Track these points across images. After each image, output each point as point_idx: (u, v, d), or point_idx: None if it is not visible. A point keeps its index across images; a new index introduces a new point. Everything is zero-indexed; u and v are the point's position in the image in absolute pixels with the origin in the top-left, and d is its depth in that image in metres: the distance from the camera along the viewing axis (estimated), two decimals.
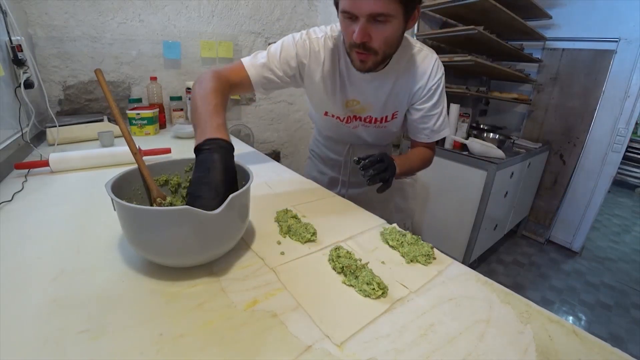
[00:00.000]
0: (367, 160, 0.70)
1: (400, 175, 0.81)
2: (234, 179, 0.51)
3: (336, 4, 0.66)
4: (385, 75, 0.78)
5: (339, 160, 1.06)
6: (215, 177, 0.47)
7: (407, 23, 0.66)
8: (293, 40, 0.78)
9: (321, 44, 0.78)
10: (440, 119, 0.85)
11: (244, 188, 0.48)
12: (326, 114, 0.89)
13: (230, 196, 0.45)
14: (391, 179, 0.74)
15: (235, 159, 0.55)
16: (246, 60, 0.78)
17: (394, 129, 0.92)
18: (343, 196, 1.07)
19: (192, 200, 0.46)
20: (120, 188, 0.50)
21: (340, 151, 1.04)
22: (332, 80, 0.81)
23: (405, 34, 0.74)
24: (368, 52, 0.66)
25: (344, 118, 0.88)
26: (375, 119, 0.87)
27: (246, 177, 0.54)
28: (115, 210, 0.46)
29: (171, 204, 0.56)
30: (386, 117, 0.86)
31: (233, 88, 0.75)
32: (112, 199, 0.44)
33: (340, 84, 0.81)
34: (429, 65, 0.79)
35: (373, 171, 0.70)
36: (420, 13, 0.67)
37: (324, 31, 0.79)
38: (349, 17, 0.63)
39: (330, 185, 1.10)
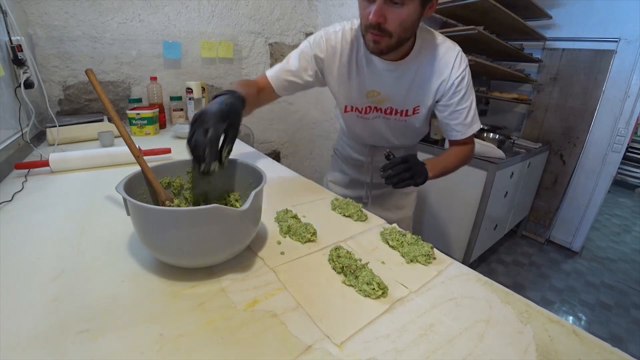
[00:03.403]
0: (389, 162, 0.74)
1: (436, 177, 0.83)
2: (235, 117, 0.57)
3: None
4: (406, 65, 0.78)
5: (361, 161, 1.05)
6: (225, 108, 0.55)
7: (424, 10, 0.67)
8: (309, 42, 0.82)
9: (339, 37, 0.80)
10: (471, 113, 0.82)
11: (261, 186, 0.50)
12: (345, 109, 0.90)
13: (253, 192, 0.46)
14: (413, 181, 0.75)
15: (243, 160, 0.61)
16: (269, 70, 0.85)
17: (417, 125, 0.90)
18: (367, 198, 1.08)
19: (205, 118, 0.52)
20: (128, 193, 0.50)
21: (363, 151, 1.04)
22: (350, 70, 0.82)
23: (429, 27, 0.77)
24: (382, 34, 0.67)
25: (363, 108, 0.88)
26: (396, 110, 0.86)
27: (259, 178, 0.56)
28: (129, 214, 0.46)
29: (178, 207, 0.56)
30: (407, 110, 0.85)
31: (261, 92, 0.82)
32: (127, 203, 0.44)
33: (357, 73, 0.82)
34: (451, 57, 0.78)
35: (393, 172, 0.72)
36: (437, 3, 0.68)
37: (342, 25, 0.81)
38: None
39: (350, 185, 1.11)
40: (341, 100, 0.88)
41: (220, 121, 0.53)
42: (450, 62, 0.77)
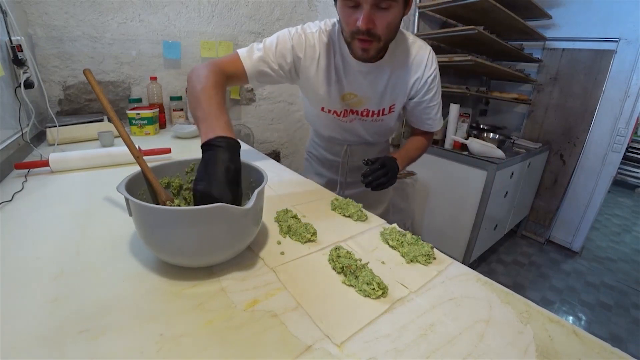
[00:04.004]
0: (368, 169, 0.80)
1: (404, 169, 0.90)
2: (240, 180, 0.52)
3: None
4: (381, 67, 0.79)
5: (337, 162, 1.05)
6: (230, 176, 0.48)
7: (405, 10, 0.68)
8: (289, 34, 0.78)
9: (316, 38, 0.79)
10: (440, 108, 0.90)
11: (262, 185, 0.50)
12: (323, 109, 0.89)
13: (256, 191, 0.46)
14: (389, 183, 0.81)
15: (243, 160, 0.58)
16: (242, 52, 0.77)
17: (391, 124, 0.93)
18: (345, 197, 1.08)
19: (212, 201, 0.44)
20: (129, 193, 0.50)
21: (338, 152, 1.03)
22: (328, 74, 0.81)
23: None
24: (372, 39, 0.67)
25: (341, 112, 0.88)
26: (372, 112, 0.87)
27: (260, 177, 0.55)
28: (131, 215, 0.46)
29: (178, 206, 0.56)
30: (383, 109, 0.86)
31: (229, 79, 0.74)
32: (129, 203, 0.44)
33: (336, 78, 0.82)
34: (424, 56, 0.80)
35: (372, 178, 0.78)
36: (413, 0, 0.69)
37: (318, 26, 0.80)
38: (351, 5, 0.64)
39: (328, 186, 1.10)
40: (317, 102, 0.88)
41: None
42: (423, 60, 0.80)
